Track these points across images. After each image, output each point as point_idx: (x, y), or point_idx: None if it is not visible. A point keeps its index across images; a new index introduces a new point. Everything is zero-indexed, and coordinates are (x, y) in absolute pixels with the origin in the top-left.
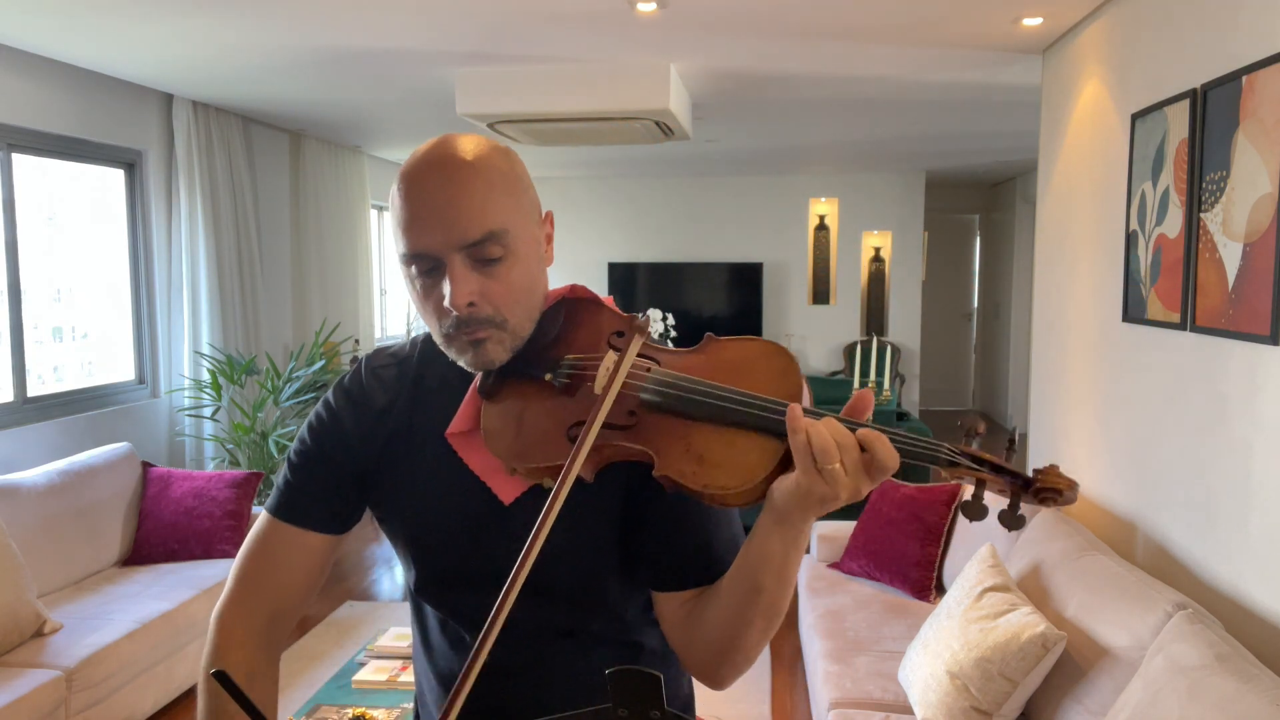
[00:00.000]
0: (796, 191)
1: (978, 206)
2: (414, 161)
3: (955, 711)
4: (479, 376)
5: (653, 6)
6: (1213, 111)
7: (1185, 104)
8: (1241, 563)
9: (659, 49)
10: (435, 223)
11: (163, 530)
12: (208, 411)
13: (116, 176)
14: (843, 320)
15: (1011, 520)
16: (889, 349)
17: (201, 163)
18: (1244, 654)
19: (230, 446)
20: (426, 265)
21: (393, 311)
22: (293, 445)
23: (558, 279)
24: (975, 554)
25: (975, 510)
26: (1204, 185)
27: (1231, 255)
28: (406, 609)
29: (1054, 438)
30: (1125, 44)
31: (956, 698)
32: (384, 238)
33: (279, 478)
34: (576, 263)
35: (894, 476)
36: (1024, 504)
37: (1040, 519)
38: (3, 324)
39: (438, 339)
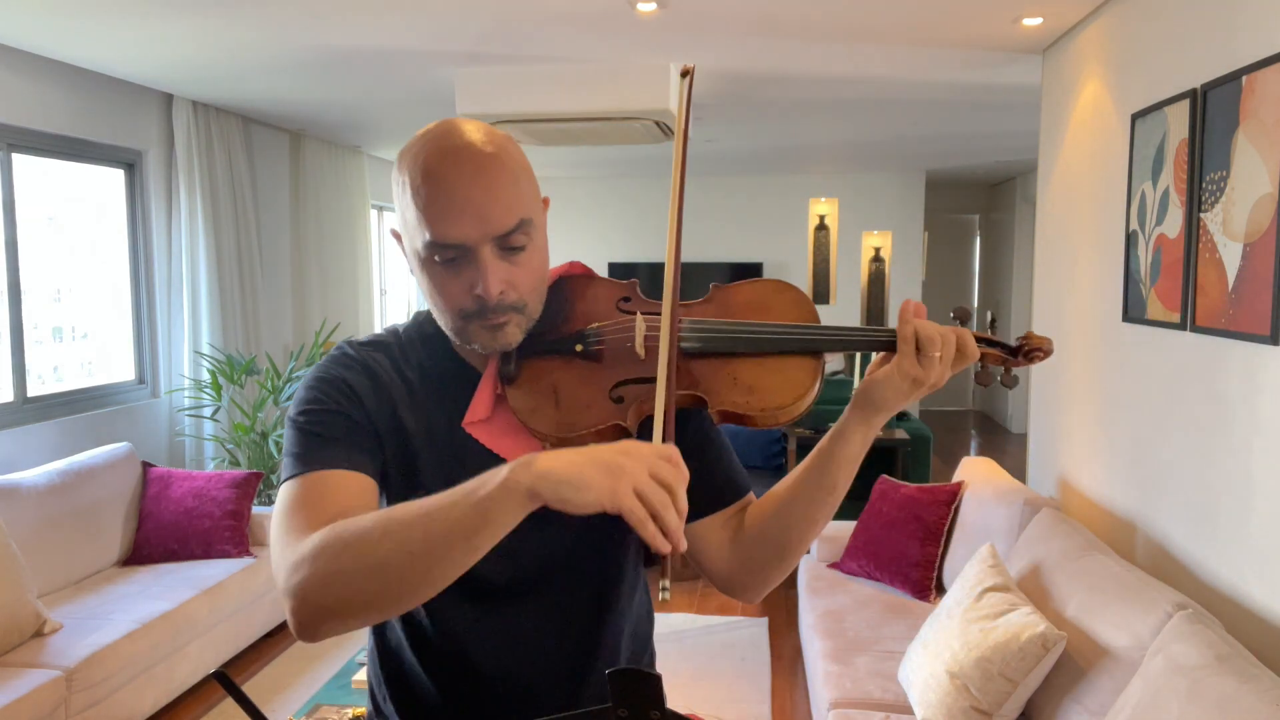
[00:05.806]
0: (796, 191)
1: (978, 206)
2: (430, 150)
3: (955, 711)
4: (495, 363)
5: (653, 6)
6: (1213, 111)
7: (1185, 104)
8: (1241, 563)
9: (659, 49)
10: (470, 214)
11: (163, 530)
12: (208, 411)
13: (116, 176)
14: (843, 320)
15: (1009, 380)
16: None
17: (201, 163)
18: (1244, 654)
19: (230, 446)
20: (450, 254)
21: (392, 311)
22: (295, 418)
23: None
24: (975, 554)
25: (986, 377)
26: (1204, 185)
27: (1231, 255)
28: None
29: (1054, 437)
30: (1125, 44)
31: (956, 698)
32: (384, 238)
33: (288, 447)
34: None
35: (891, 476)
36: (1018, 367)
37: (1041, 519)
38: (3, 324)
39: (446, 324)
